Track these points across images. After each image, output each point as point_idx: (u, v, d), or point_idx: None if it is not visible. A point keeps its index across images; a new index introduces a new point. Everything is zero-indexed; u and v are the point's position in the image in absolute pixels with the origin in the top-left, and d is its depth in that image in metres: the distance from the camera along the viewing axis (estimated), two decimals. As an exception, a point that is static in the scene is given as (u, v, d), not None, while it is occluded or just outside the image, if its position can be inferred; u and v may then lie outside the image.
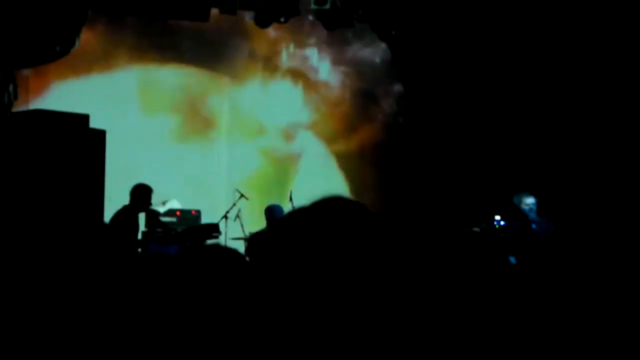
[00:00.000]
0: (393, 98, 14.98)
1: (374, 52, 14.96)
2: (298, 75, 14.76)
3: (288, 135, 14.57)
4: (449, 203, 13.06)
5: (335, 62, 14.93)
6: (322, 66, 14.97)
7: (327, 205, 1.52)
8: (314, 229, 1.44)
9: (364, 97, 14.90)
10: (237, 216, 12.03)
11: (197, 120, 13.92)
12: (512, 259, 9.11)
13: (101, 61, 12.72)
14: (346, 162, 14.73)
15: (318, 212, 1.50)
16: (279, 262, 1.44)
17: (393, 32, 14.31)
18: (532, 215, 9.33)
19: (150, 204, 9.54)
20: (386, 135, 14.77)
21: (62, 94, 12.12)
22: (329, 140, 14.80)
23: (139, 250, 10.02)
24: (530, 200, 9.40)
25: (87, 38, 11.59)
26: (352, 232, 1.45)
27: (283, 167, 14.47)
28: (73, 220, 8.23)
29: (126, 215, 9.36)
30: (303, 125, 14.66)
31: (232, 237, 11.99)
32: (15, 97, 8.69)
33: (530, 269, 8.87)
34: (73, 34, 8.05)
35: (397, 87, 14.99)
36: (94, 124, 8.79)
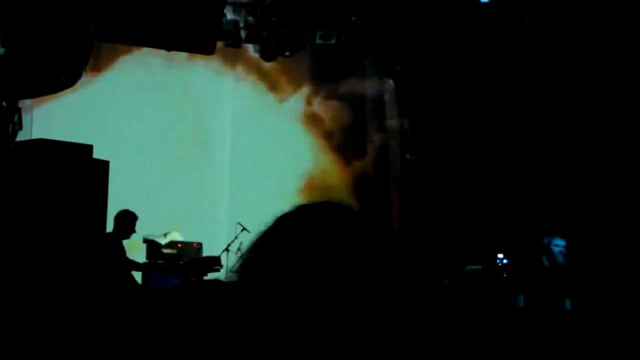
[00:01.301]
0: (387, 133, 14.99)
1: (369, 88, 14.99)
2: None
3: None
4: (450, 240, 13.04)
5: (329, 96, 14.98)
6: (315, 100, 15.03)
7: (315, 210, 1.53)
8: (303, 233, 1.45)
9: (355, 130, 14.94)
10: (239, 249, 12.00)
11: (199, 153, 13.94)
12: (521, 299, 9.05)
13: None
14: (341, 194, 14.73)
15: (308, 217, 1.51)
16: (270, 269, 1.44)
17: (398, 68, 14.37)
18: (561, 258, 9.18)
19: (134, 231, 9.32)
20: (381, 169, 14.75)
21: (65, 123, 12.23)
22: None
23: (137, 280, 9.97)
24: (560, 242, 9.27)
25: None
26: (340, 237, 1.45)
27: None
28: (75, 248, 8.24)
29: (109, 242, 9.14)
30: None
31: (234, 270, 11.96)
32: (20, 127, 8.72)
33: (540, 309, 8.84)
34: (80, 65, 8.10)
35: (391, 122, 14.99)
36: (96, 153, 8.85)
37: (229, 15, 13.27)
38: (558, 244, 9.16)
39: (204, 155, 14.00)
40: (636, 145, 11.41)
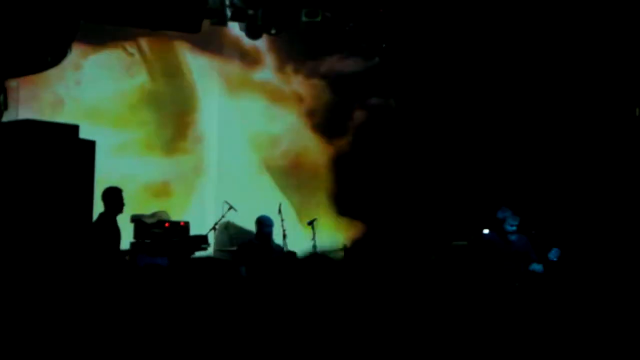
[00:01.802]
0: (368, 111, 14.97)
1: (349, 65, 14.96)
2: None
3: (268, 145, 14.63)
4: (437, 216, 13.11)
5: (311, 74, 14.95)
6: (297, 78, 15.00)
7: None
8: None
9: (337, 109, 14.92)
10: (226, 228, 12.05)
11: (186, 132, 13.92)
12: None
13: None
14: (320, 174, 14.75)
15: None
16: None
17: (384, 45, 14.36)
18: (512, 236, 9.44)
19: (123, 204, 9.51)
20: (364, 145, 14.75)
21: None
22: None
23: (127, 259, 10.01)
24: (514, 222, 9.52)
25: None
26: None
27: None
28: (62, 229, 8.22)
29: (105, 221, 9.34)
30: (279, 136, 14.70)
31: (221, 248, 12.01)
32: (6, 107, 8.68)
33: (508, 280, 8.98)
34: (65, 44, 8.06)
35: (373, 100, 14.97)
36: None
37: (215, -7, 13.21)
38: (512, 223, 9.42)
39: (190, 134, 13.98)
40: (626, 143, 11.50)
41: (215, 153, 14.14)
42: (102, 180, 9.07)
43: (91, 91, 12.83)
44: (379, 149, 14.50)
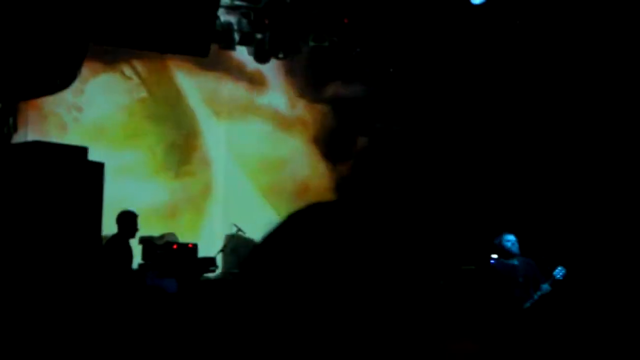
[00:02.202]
0: (372, 136, 15.03)
1: (353, 91, 15.03)
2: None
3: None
4: (445, 241, 13.09)
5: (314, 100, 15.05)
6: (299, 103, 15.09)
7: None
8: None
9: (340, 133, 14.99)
10: (234, 250, 12.07)
11: (194, 155, 14.00)
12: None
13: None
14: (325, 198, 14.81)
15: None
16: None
17: (391, 70, 14.43)
18: (514, 249, 9.38)
19: (137, 229, 9.58)
20: (368, 169, 14.79)
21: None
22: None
23: (136, 281, 10.04)
24: (511, 237, 9.46)
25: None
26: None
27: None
28: (71, 250, 8.26)
29: (117, 243, 9.39)
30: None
31: (229, 270, 12.02)
32: (15, 129, 8.75)
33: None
34: (74, 67, 8.14)
35: (377, 125, 15.02)
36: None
37: (223, 17, 13.32)
38: (509, 239, 9.38)
39: (198, 157, 14.05)
40: (621, 145, 11.50)
41: (222, 176, 14.20)
42: (108, 202, 9.10)
43: (94, 113, 12.97)
44: (384, 173, 14.54)
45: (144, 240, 11.04)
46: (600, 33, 11.51)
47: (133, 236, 9.58)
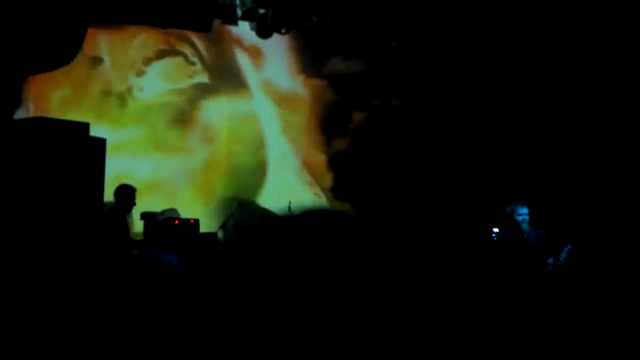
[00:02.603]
0: (370, 112, 15.01)
1: (352, 66, 14.99)
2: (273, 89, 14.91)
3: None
4: (445, 214, 13.10)
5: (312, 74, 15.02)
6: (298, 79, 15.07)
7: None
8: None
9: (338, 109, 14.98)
10: (235, 225, 12.09)
11: (195, 131, 13.99)
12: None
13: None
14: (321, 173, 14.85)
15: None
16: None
17: (394, 45, 14.38)
18: (525, 226, 9.28)
19: (135, 203, 9.52)
20: (366, 145, 14.79)
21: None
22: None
23: (136, 255, 10.06)
24: (523, 211, 9.33)
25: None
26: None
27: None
28: (72, 225, 8.30)
29: (113, 217, 9.32)
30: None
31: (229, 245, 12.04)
32: (18, 104, 8.76)
33: (525, 278, 8.94)
34: (76, 42, 8.13)
35: (374, 102, 15.00)
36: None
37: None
38: (521, 213, 9.26)
39: (199, 133, 14.05)
40: (622, 143, 11.50)
41: (225, 151, 14.21)
42: (109, 175, 9.13)
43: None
44: (383, 148, 14.54)
45: (145, 216, 11.06)
46: (600, 33, 11.50)
47: (129, 211, 9.53)
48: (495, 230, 10.49)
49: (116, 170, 11.17)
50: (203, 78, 14.22)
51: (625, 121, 11.54)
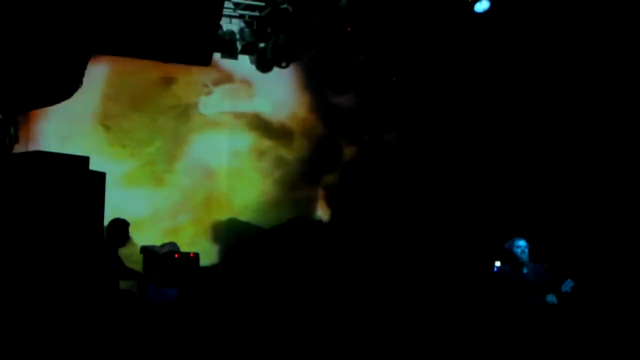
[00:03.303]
0: (361, 146, 15.00)
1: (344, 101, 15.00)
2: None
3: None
4: (447, 248, 13.07)
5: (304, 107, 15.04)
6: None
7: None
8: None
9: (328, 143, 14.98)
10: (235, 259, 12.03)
11: (195, 165, 14.01)
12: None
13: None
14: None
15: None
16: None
17: (394, 79, 14.42)
18: (524, 257, 9.31)
19: (128, 237, 9.49)
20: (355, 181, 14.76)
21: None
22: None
23: (135, 290, 10.02)
24: (521, 243, 9.36)
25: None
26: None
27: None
28: (72, 260, 8.25)
29: (104, 251, 9.27)
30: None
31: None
32: (16, 139, 8.75)
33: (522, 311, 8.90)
34: (77, 77, 8.14)
35: (366, 136, 14.99)
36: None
37: (225, 26, 13.36)
38: (519, 245, 9.29)
39: (200, 168, 14.05)
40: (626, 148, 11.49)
41: (225, 185, 14.20)
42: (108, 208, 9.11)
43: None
44: (376, 182, 14.52)
45: (145, 250, 11.03)
46: (601, 36, 11.52)
47: (123, 244, 9.49)
48: (497, 264, 10.46)
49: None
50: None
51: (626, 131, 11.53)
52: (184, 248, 11.90)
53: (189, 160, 13.94)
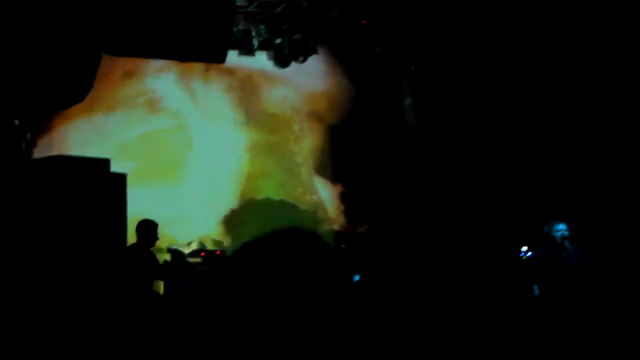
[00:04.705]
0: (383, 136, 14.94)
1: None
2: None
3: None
4: (475, 234, 13.02)
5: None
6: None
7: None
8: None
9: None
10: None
11: (219, 163, 14.07)
12: (535, 288, 8.89)
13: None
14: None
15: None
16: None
17: (412, 68, 14.39)
18: (565, 242, 8.77)
19: (157, 238, 9.54)
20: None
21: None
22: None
23: (165, 288, 10.07)
24: (561, 227, 8.84)
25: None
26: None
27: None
28: (96, 263, 8.31)
29: (135, 252, 9.34)
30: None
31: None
32: (34, 144, 8.82)
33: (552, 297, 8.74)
34: (89, 80, 8.20)
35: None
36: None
37: (241, 24, 13.39)
38: (559, 229, 8.73)
39: (222, 166, 14.11)
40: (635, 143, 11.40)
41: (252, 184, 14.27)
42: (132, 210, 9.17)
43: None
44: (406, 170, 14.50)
45: (171, 250, 11.10)
46: (602, 34, 11.46)
47: (153, 245, 9.55)
48: (524, 248, 10.27)
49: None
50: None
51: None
52: (210, 246, 12.00)
53: (209, 159, 14.02)
